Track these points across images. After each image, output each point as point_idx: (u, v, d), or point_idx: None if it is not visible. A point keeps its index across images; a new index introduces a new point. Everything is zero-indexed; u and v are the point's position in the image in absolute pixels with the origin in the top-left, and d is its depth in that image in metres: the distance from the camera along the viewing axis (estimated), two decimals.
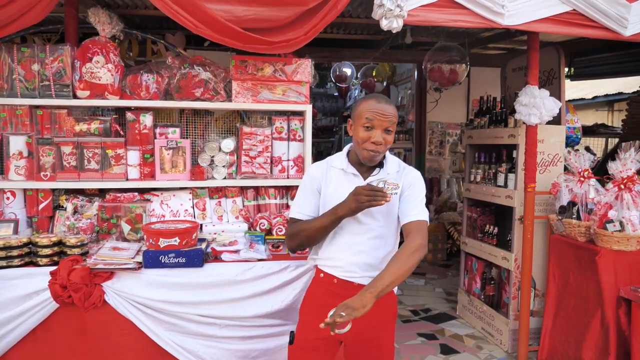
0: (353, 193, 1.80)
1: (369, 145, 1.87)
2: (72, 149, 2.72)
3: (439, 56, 4.61)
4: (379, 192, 1.75)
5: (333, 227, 1.91)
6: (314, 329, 1.95)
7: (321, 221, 1.90)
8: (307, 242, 1.98)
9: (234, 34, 2.45)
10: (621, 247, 2.89)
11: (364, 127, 1.87)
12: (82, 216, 2.72)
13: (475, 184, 4.15)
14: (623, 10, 2.87)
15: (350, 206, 1.80)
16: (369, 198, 1.75)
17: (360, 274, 1.94)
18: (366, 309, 1.59)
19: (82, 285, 2.33)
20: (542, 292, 3.64)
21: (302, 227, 1.95)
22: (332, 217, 1.86)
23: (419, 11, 2.64)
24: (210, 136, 3.06)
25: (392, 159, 2.02)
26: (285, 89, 2.89)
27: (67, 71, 2.67)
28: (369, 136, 1.86)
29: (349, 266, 1.94)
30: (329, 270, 1.99)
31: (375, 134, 1.85)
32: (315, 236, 1.94)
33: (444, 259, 6.33)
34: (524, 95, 3.27)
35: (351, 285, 1.94)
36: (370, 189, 1.76)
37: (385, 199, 1.75)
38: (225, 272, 2.53)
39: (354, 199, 1.79)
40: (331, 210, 1.88)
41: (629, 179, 2.96)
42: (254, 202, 3.05)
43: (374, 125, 1.85)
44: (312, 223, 1.93)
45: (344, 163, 1.98)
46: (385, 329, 2.02)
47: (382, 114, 1.85)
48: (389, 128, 1.87)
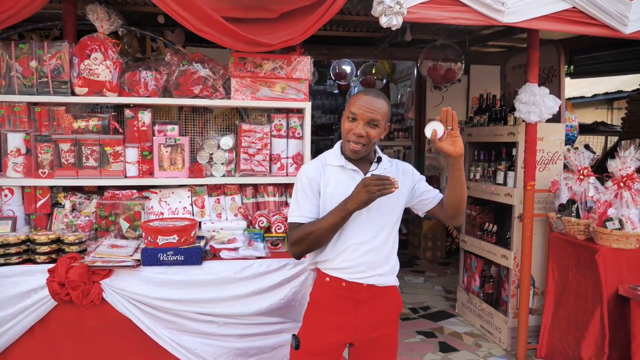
0: (362, 184, 1.77)
1: (350, 137, 1.87)
2: (71, 146, 2.71)
3: (434, 54, 4.60)
4: (387, 181, 1.74)
5: (343, 224, 1.86)
6: (325, 334, 1.94)
7: (331, 219, 1.84)
8: (317, 244, 1.89)
9: (231, 34, 2.46)
10: (620, 245, 2.89)
11: (348, 119, 1.88)
12: (81, 213, 2.71)
13: (475, 182, 4.14)
14: (623, 8, 2.86)
15: (361, 198, 1.77)
16: (379, 187, 1.73)
17: (370, 274, 1.91)
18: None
19: (80, 282, 2.32)
20: (541, 290, 3.64)
21: (308, 230, 1.86)
22: (342, 213, 1.81)
23: (418, 8, 2.63)
24: (209, 133, 3.05)
25: (383, 154, 2.04)
26: (285, 87, 2.88)
27: (65, 68, 2.65)
28: (351, 127, 1.87)
29: (358, 267, 1.90)
30: (335, 274, 1.93)
31: (358, 126, 1.85)
32: (325, 236, 1.87)
33: (443, 257, 6.34)
34: (523, 93, 3.27)
35: (360, 287, 1.91)
36: (378, 179, 1.75)
37: (394, 186, 1.74)
38: (223, 269, 2.53)
39: (365, 190, 1.75)
40: (339, 206, 1.83)
41: (628, 177, 2.96)
42: (252, 200, 3.05)
43: (357, 118, 1.86)
44: (319, 223, 1.86)
45: (342, 160, 1.95)
46: (391, 326, 2.01)
47: (367, 107, 1.84)
48: (373, 122, 1.85)
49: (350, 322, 1.93)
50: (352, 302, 1.92)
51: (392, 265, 1.98)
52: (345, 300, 1.92)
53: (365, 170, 1.96)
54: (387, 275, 1.96)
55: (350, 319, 1.93)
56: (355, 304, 1.92)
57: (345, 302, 1.93)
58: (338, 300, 1.93)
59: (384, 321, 1.97)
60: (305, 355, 1.97)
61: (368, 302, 1.93)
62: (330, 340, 1.94)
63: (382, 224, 1.93)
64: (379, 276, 1.93)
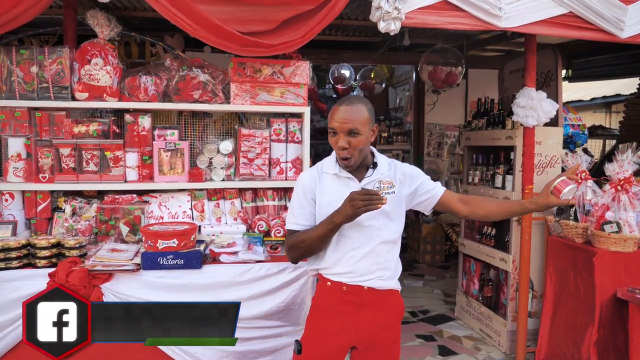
0: (348, 199, 1.78)
1: (336, 150, 1.90)
2: (71, 150, 2.73)
3: (435, 58, 4.62)
4: (375, 196, 1.74)
5: (332, 235, 1.88)
6: (327, 339, 1.95)
7: (319, 230, 1.87)
8: (308, 252, 1.94)
9: (231, 37, 2.46)
10: (618, 248, 2.90)
11: (330, 134, 1.90)
12: (81, 218, 2.73)
13: (473, 186, 4.16)
14: (619, 13, 2.88)
15: (347, 213, 1.77)
16: (365, 203, 1.73)
17: (370, 277, 1.93)
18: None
19: (81, 286, 2.33)
20: (540, 294, 3.64)
21: (300, 238, 1.91)
22: (330, 225, 1.83)
23: (416, 14, 2.65)
24: (209, 138, 3.07)
25: (382, 157, 2.03)
26: (284, 91, 2.90)
27: (65, 73, 2.67)
28: (335, 141, 1.89)
29: (357, 271, 1.92)
30: (336, 278, 1.95)
31: (340, 139, 1.86)
32: (315, 246, 1.90)
33: (443, 261, 6.34)
34: (521, 97, 3.28)
35: (361, 290, 1.93)
36: (365, 194, 1.75)
37: (381, 202, 1.74)
38: (223, 273, 2.54)
39: (350, 205, 1.76)
40: (328, 218, 1.85)
41: (625, 180, 2.97)
42: (252, 204, 3.06)
43: (337, 131, 1.87)
44: (310, 233, 1.89)
45: (336, 168, 1.96)
46: (393, 329, 2.02)
47: (343, 119, 1.84)
48: (353, 131, 1.84)
49: (353, 325, 1.94)
50: (354, 305, 1.94)
51: (392, 269, 1.99)
52: (347, 303, 1.94)
53: (361, 176, 1.96)
54: (387, 279, 1.97)
55: (353, 323, 1.94)
56: (357, 307, 1.94)
57: (347, 305, 1.94)
58: (340, 304, 1.94)
59: (385, 324, 1.98)
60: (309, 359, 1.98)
61: (369, 306, 1.94)
62: (332, 345, 1.95)
63: (377, 229, 1.93)
64: (378, 279, 1.94)
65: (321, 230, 1.86)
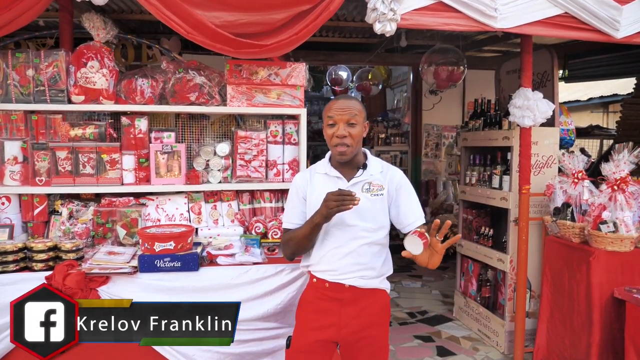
0: (324, 200, 1.85)
1: (334, 141, 1.95)
2: (67, 153, 2.72)
3: (436, 58, 4.62)
4: (347, 197, 1.80)
5: (315, 234, 1.97)
6: (310, 333, 2.00)
7: (303, 229, 1.97)
8: (298, 250, 2.06)
9: (225, 40, 2.46)
10: (615, 247, 2.90)
11: (328, 125, 1.96)
12: (78, 221, 2.72)
13: (471, 186, 4.16)
14: (615, 13, 2.89)
15: (322, 212, 1.86)
16: (338, 203, 1.80)
17: (351, 275, 1.98)
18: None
19: (78, 290, 2.32)
20: (538, 294, 3.65)
21: (290, 237, 2.05)
22: (311, 224, 1.93)
23: (412, 15, 2.66)
24: (206, 140, 3.07)
25: (375, 159, 2.09)
26: (280, 93, 2.90)
27: (61, 76, 2.67)
28: (332, 132, 1.94)
29: (339, 269, 1.98)
30: (320, 275, 2.03)
31: (339, 128, 1.93)
32: (302, 244, 2.01)
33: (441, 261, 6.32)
34: (517, 98, 3.29)
35: (342, 288, 1.99)
36: (339, 194, 1.81)
37: (353, 203, 1.80)
38: (220, 275, 2.54)
39: (324, 205, 1.84)
40: (309, 218, 1.95)
41: (622, 180, 2.97)
42: (249, 206, 3.06)
43: (335, 121, 1.94)
44: (296, 232, 2.01)
45: (327, 167, 2.04)
46: (377, 328, 2.04)
47: (341, 109, 1.93)
48: (351, 121, 1.93)
49: (335, 322, 1.98)
50: (337, 302, 1.99)
51: (377, 270, 2.03)
52: (330, 300, 1.99)
53: (350, 176, 2.01)
54: (371, 279, 2.01)
55: (334, 319, 1.98)
56: (340, 304, 1.99)
57: (331, 302, 2.00)
58: (324, 301, 2.01)
59: (369, 323, 2.01)
60: (295, 353, 2.03)
61: (352, 304, 1.98)
62: (314, 339, 1.99)
63: (361, 230, 1.97)
64: (359, 278, 1.98)
65: (305, 229, 1.96)
